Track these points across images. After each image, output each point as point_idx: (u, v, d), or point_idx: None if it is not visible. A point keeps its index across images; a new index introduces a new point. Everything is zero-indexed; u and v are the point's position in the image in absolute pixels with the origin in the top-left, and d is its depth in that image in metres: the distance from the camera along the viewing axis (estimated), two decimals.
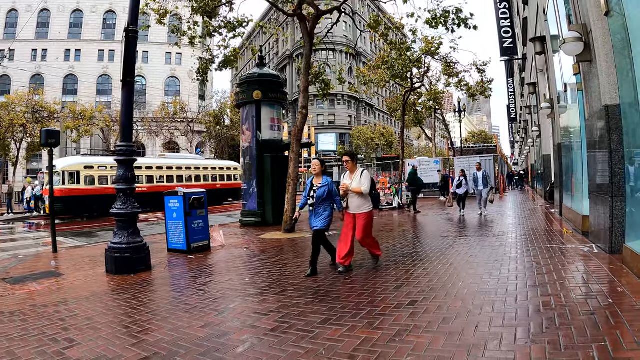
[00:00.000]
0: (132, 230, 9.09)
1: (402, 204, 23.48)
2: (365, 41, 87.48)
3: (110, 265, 8.98)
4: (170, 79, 73.30)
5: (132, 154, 9.16)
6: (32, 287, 8.10)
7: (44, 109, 46.31)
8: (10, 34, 68.50)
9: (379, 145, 78.85)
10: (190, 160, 37.23)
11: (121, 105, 9.30)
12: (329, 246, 8.54)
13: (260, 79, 17.79)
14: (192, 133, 59.46)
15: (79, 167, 27.29)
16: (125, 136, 9.17)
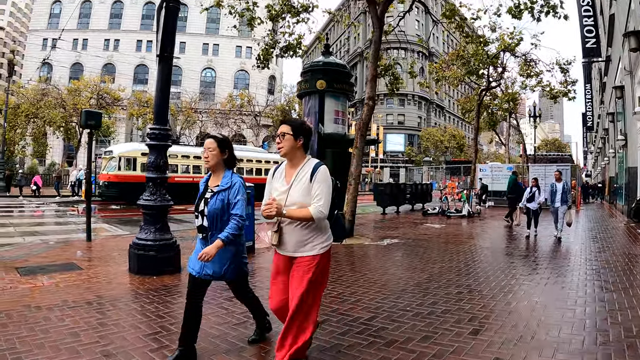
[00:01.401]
0: (160, 225, 7.98)
1: (472, 212, 21.68)
2: (437, 41, 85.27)
3: (133, 264, 7.97)
4: (240, 72, 73.45)
5: (166, 139, 8.06)
6: (40, 281, 7.24)
7: (108, 95, 46.84)
8: (84, 24, 71.64)
9: (448, 148, 76.41)
10: (251, 152, 36.52)
11: (156, 83, 8.21)
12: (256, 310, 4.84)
13: (324, 68, 16.27)
14: (258, 126, 59.02)
15: (136, 154, 27.01)
16: (159, 118, 8.08)
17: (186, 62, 69.53)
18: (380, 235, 14.21)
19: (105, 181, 26.99)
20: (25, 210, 22.37)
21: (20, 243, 11.75)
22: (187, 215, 20.46)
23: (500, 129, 51.04)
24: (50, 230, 15.20)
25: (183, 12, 70.19)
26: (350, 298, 6.39)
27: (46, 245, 11.04)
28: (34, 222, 17.81)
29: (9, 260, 8.86)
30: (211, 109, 60.01)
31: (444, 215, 21.46)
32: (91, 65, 64.43)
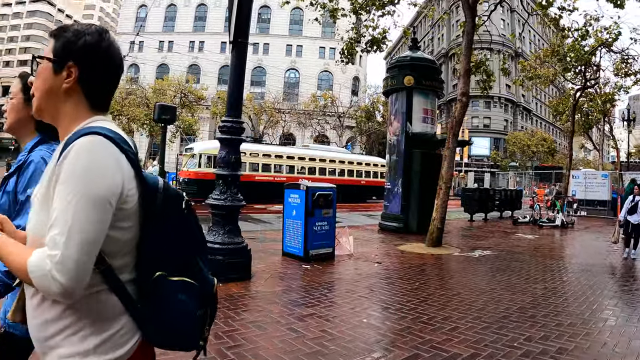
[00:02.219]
0: (230, 227, 7.26)
1: (565, 222, 19.83)
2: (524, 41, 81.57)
3: None
4: (323, 73, 73.23)
5: (239, 132, 7.33)
6: None
7: (191, 94, 47.53)
8: (169, 27, 74.18)
9: (535, 153, 72.75)
10: (334, 153, 35.59)
11: (230, 71, 7.50)
12: None
13: (412, 63, 15.33)
14: (342, 127, 58.44)
15: (217, 151, 26.58)
16: (232, 109, 7.36)
17: (270, 63, 69.99)
18: (470, 245, 12.94)
19: (185, 178, 27.04)
20: None
21: None
22: (266, 214, 20.04)
23: (589, 134, 47.85)
24: None
25: (266, 14, 71.36)
26: (444, 325, 5.35)
27: None
28: None
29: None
30: (294, 109, 59.84)
31: (536, 224, 19.79)
32: (176, 66, 65.93)
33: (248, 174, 25.80)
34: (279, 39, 72.38)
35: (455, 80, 65.92)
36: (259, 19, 73.36)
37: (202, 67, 70.97)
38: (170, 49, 72.40)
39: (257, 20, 73.04)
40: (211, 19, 73.65)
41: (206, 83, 59.60)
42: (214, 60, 69.54)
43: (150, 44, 71.24)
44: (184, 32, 73.24)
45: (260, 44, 72.59)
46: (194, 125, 49.10)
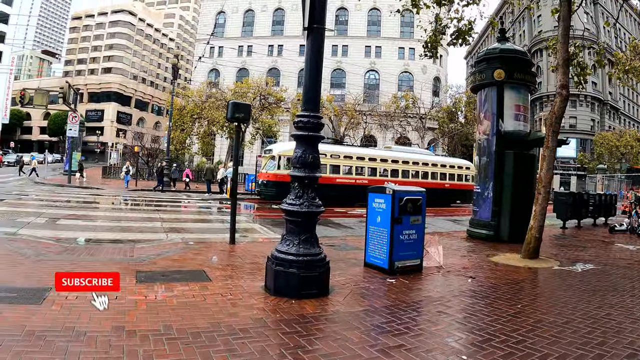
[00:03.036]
0: (307, 236, 6.41)
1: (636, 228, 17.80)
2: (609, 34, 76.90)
3: (270, 280, 6.52)
4: (403, 74, 71.81)
5: (317, 128, 6.46)
6: (155, 292, 6.21)
7: (271, 95, 47.59)
8: (248, 32, 74.89)
9: (624, 155, 68.41)
10: (417, 155, 34.32)
11: (305, 60, 6.66)
12: None
13: (502, 55, 14.08)
14: (424, 129, 56.99)
15: None
16: (308, 102, 6.52)
17: (349, 65, 69.26)
18: (568, 256, 11.47)
19: (264, 180, 26.89)
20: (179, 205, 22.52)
21: (160, 241, 11.05)
22: (347, 219, 19.32)
23: None
24: (197, 228, 14.61)
25: (344, 15, 70.96)
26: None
27: (184, 245, 10.19)
28: (184, 218, 17.49)
29: (134, 262, 8.00)
30: (375, 111, 58.87)
31: (634, 233, 17.83)
32: (256, 70, 66.41)
33: (329, 176, 25.34)
34: (358, 40, 71.61)
35: (539, 78, 63.14)
36: (337, 20, 72.90)
37: (281, 70, 71.26)
38: (249, 54, 73.25)
39: (335, 22, 72.65)
40: (289, 22, 73.77)
41: (285, 85, 59.59)
42: (293, 64, 69.56)
43: (230, 49, 72.77)
44: (263, 37, 73.74)
45: (339, 46, 72.17)
46: (274, 127, 49.12)
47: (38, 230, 11.71)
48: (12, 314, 4.94)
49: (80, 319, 4.90)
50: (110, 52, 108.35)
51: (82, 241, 10.64)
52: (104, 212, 18.00)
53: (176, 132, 45.50)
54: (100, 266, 7.54)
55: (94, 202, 21.56)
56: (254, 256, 9.18)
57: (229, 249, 10.05)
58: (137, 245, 10.03)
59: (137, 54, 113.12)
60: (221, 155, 57.79)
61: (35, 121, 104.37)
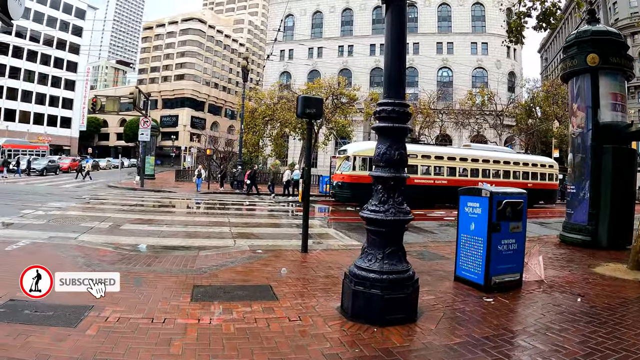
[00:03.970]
0: (392, 250, 5.29)
1: None
2: None
3: (347, 301, 5.45)
4: (477, 70, 69.38)
5: (403, 119, 5.34)
6: (209, 313, 5.37)
7: (343, 95, 46.80)
8: (317, 34, 74.76)
9: None
10: (498, 152, 32.29)
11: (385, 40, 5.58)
12: None
13: (594, 38, 12.46)
14: (501, 126, 54.57)
15: (372, 153, 24.97)
16: (392, 89, 5.42)
17: (421, 63, 67.65)
18: None
19: (338, 181, 25.98)
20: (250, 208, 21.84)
21: (226, 248, 10.20)
22: (426, 222, 17.97)
23: None
24: (267, 233, 13.67)
25: (413, 12, 69.68)
26: None
27: (251, 253, 9.27)
28: (254, 222, 16.59)
29: (193, 274, 7.18)
30: (450, 109, 56.97)
31: None
32: (327, 71, 65.87)
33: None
34: (429, 37, 69.75)
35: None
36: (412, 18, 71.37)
37: (352, 71, 70.49)
38: (320, 55, 73.21)
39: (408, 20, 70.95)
40: (358, 22, 73.08)
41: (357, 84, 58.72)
42: (364, 63, 69.00)
43: (300, 51, 72.49)
44: (332, 38, 73.44)
45: (410, 44, 70.22)
46: (348, 127, 48.25)
47: (100, 236, 11.28)
48: (39, 340, 4.28)
49: (115, 349, 4.14)
50: (182, 60, 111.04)
51: (143, 248, 10.06)
52: (172, 216, 17.46)
53: (248, 134, 45.45)
54: (154, 279, 6.76)
55: (162, 206, 21.27)
56: (328, 267, 8.18)
57: (300, 258, 9.12)
58: (201, 252, 9.25)
59: (209, 60, 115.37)
60: (294, 157, 57.55)
61: (112, 128, 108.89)
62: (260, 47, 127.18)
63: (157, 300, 5.73)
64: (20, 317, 4.95)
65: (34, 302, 5.28)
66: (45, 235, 10.77)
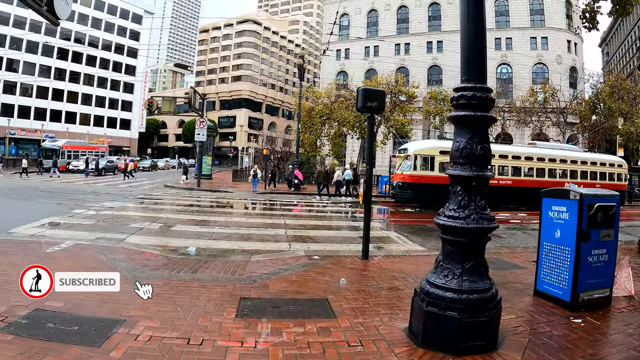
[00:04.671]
0: (473, 264, 4.40)
1: None
2: None
3: (417, 324, 4.61)
4: (537, 66, 66.64)
5: (486, 105, 4.44)
6: (254, 336, 4.65)
7: (401, 93, 45.71)
8: (372, 32, 73.67)
9: None
10: (565, 151, 30.22)
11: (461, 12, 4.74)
12: None
13: None
14: (565, 123, 52.03)
15: (434, 152, 24.25)
16: (471, 71, 4.54)
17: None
18: None
19: (399, 181, 24.99)
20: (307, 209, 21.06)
21: (281, 253, 9.49)
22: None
23: None
24: (324, 237, 12.77)
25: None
26: None
27: (307, 260, 8.51)
28: (311, 224, 15.68)
29: (242, 284, 6.54)
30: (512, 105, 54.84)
31: None
32: (383, 69, 64.73)
33: None
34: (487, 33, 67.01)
35: None
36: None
37: (409, 69, 69.23)
38: (376, 54, 72.28)
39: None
40: (413, 20, 71.77)
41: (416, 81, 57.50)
42: (421, 61, 67.76)
43: (356, 50, 72.04)
44: (388, 36, 72.19)
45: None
46: (407, 126, 47.09)
47: (148, 238, 10.88)
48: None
49: None
50: (239, 61, 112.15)
51: (192, 251, 9.48)
52: (225, 217, 16.80)
53: (306, 134, 44.93)
54: (197, 289, 6.12)
55: (217, 207, 20.80)
56: (391, 277, 7.34)
57: (360, 265, 8.30)
58: (253, 258, 8.62)
59: (265, 61, 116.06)
60: (352, 156, 56.73)
61: (171, 129, 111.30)
62: (316, 48, 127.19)
63: (198, 315, 5.07)
64: (41, 331, 4.42)
65: (62, 314, 4.80)
66: (92, 236, 10.46)
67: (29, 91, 74.66)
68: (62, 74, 78.85)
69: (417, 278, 7.11)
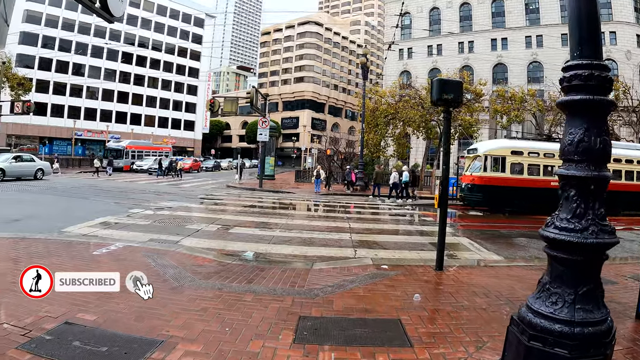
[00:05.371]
0: (589, 288, 3.41)
1: None
2: None
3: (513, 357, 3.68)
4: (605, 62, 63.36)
5: (605, 88, 3.50)
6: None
7: (468, 91, 44.24)
8: (435, 31, 72.43)
9: None
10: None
11: None
12: None
13: None
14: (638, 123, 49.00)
15: (505, 152, 22.83)
16: (584, 44, 3.61)
17: (546, 57, 62.85)
18: None
19: (468, 183, 23.64)
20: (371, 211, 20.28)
21: (345, 260, 8.72)
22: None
23: None
24: (391, 242, 11.88)
25: (534, 3, 66.83)
26: None
27: (375, 270, 7.70)
28: (377, 228, 14.72)
29: (302, 298, 5.85)
30: None
31: None
32: (447, 69, 63.22)
33: (542, 179, 21.86)
34: (552, 28, 64.45)
35: None
36: (527, 9, 67.15)
37: (474, 67, 67.53)
38: (439, 52, 71.23)
39: (526, 11, 67.29)
40: (477, 16, 69.84)
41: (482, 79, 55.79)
42: (486, 59, 66.09)
43: (419, 49, 71.15)
44: (451, 34, 70.91)
45: (532, 37, 66.45)
46: (474, 125, 45.48)
47: (204, 241, 10.42)
48: None
49: None
50: (301, 62, 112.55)
51: (250, 256, 8.95)
52: (286, 219, 16.13)
53: (370, 134, 44.07)
54: (251, 304, 5.44)
55: (278, 208, 20.28)
56: (471, 294, 6.43)
57: (435, 278, 7.42)
58: (315, 265, 7.93)
59: (327, 62, 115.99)
60: (416, 157, 55.52)
61: (234, 130, 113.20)
62: (378, 48, 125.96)
63: (248, 339, 4.36)
64: (64, 351, 3.88)
65: (92, 329, 4.28)
66: (145, 238, 10.11)
67: (95, 94, 77.75)
68: (127, 77, 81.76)
69: (500, 295, 6.24)
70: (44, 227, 10.95)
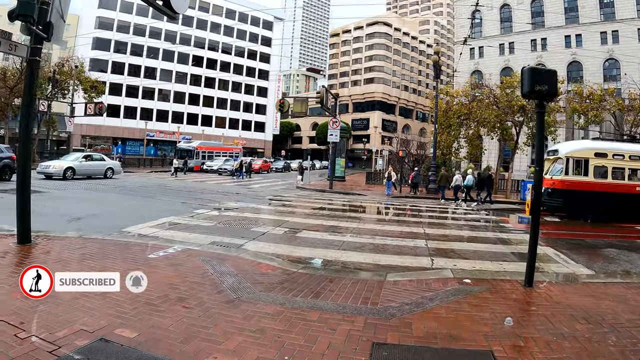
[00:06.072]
0: None
1: None
2: None
3: None
4: None
5: None
6: None
7: None
8: (507, 28, 71.13)
9: None
10: None
11: None
12: None
13: None
14: None
15: (589, 154, 21.02)
16: None
17: (624, 53, 59.22)
18: None
19: (547, 187, 21.50)
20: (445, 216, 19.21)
21: (423, 272, 7.87)
22: None
23: None
24: (471, 251, 10.75)
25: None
26: None
27: (456, 284, 6.81)
28: (453, 235, 13.62)
29: (377, 318, 5.09)
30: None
31: None
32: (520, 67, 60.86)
33: (626, 184, 20.14)
34: (629, 24, 60.88)
35: None
36: (601, 3, 63.54)
37: (547, 66, 63.03)
38: (511, 51, 69.18)
39: (600, 6, 63.76)
40: (549, 12, 66.92)
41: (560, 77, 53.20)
42: (559, 57, 63.29)
43: (490, 48, 69.62)
44: (523, 32, 68.75)
45: (607, 33, 62.76)
46: (551, 126, 43.08)
47: (269, 245, 9.81)
48: None
49: None
50: (370, 63, 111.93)
51: (318, 264, 8.30)
52: (357, 223, 15.21)
53: (443, 135, 42.61)
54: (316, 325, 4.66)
55: (349, 211, 19.43)
56: (570, 318, 5.39)
57: (524, 296, 6.40)
58: (389, 276, 7.08)
59: (397, 62, 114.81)
60: (489, 160, 53.80)
61: (305, 131, 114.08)
62: (449, 47, 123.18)
63: None
64: None
65: (129, 350, 3.69)
66: (208, 240, 9.62)
67: (167, 96, 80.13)
68: (198, 80, 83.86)
69: (602, 321, 5.23)
70: (104, 226, 10.76)
